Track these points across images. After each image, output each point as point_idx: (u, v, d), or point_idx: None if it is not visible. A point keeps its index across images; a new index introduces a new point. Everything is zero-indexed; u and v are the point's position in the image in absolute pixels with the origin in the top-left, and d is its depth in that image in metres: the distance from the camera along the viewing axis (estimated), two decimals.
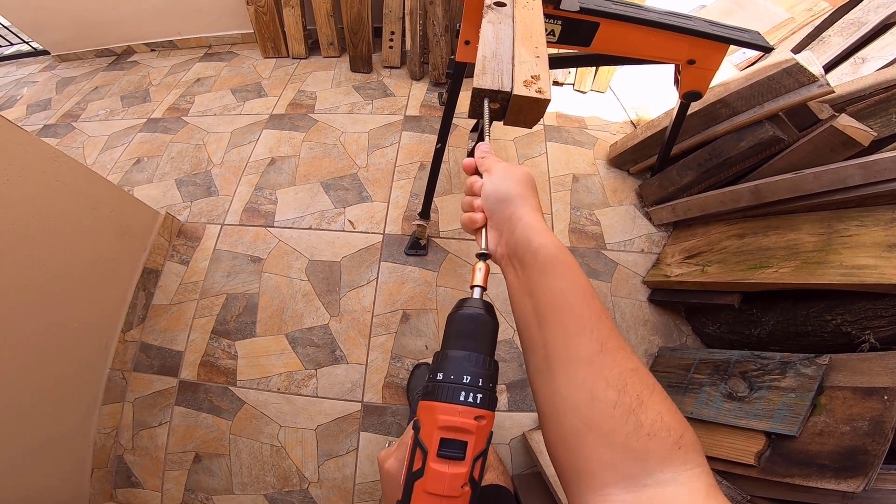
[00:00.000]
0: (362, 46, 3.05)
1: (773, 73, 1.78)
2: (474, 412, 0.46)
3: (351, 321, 2.06)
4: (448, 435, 0.45)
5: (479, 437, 0.46)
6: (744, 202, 1.87)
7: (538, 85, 0.80)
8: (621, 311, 2.07)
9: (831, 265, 1.46)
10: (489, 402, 0.47)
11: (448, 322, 0.53)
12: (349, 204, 2.39)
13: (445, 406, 0.46)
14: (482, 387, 0.47)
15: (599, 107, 2.94)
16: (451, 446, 0.45)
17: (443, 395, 0.46)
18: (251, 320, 2.08)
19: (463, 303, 0.54)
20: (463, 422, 0.45)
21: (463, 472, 0.44)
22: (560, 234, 2.27)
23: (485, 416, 0.46)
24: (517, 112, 0.82)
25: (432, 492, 0.44)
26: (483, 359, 0.49)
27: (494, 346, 0.52)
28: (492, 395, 0.48)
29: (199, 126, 2.87)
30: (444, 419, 0.45)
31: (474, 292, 0.56)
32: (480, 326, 0.52)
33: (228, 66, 3.34)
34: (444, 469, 0.44)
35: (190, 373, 1.99)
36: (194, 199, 2.48)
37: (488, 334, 0.52)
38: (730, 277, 1.73)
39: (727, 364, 1.63)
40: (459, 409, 0.45)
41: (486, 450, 0.47)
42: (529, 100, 0.78)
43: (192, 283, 2.19)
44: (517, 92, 0.78)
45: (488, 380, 0.48)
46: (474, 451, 0.45)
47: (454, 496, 0.44)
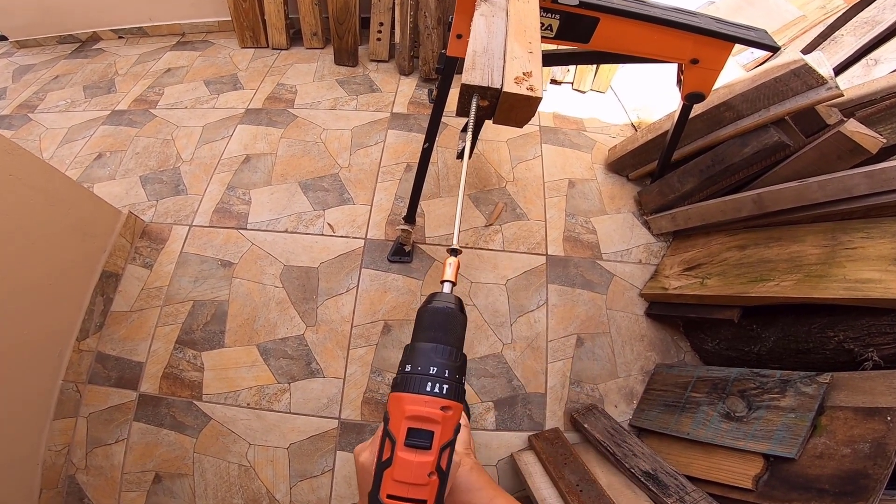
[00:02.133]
0: (348, 38, 3.08)
1: (780, 74, 1.81)
2: (440, 402, 0.50)
3: (328, 332, 2.07)
4: (415, 424, 0.50)
5: (446, 427, 0.50)
6: (746, 212, 1.91)
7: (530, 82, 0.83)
8: (617, 325, 2.11)
9: (834, 279, 1.50)
10: (456, 393, 0.52)
11: (418, 316, 0.58)
12: (329, 206, 2.41)
13: (412, 396, 0.51)
14: (448, 378, 0.52)
15: (599, 108, 2.99)
16: (417, 436, 0.50)
17: (410, 386, 0.51)
18: (220, 329, 2.08)
19: (433, 297, 0.58)
20: (429, 411, 0.50)
21: (429, 460, 0.49)
22: (554, 243, 2.31)
23: (451, 407, 0.51)
24: (507, 110, 0.85)
25: (400, 479, 0.48)
26: (450, 351, 0.53)
27: (463, 339, 0.57)
28: (459, 386, 0.52)
29: (168, 120, 2.88)
30: (410, 409, 0.50)
31: (444, 287, 0.60)
32: (449, 320, 0.56)
33: (202, 56, 3.35)
34: (411, 458, 0.49)
35: (151, 386, 1.99)
36: (160, 198, 2.48)
37: (457, 328, 0.56)
38: (730, 291, 1.77)
39: (725, 382, 1.66)
40: (426, 400, 0.50)
41: (452, 440, 0.51)
42: (520, 97, 0.81)
43: (155, 288, 2.19)
44: (507, 89, 0.81)
45: (455, 371, 0.52)
46: (441, 440, 0.50)
47: (421, 484, 0.48)
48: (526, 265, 2.24)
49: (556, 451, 1.71)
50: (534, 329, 2.09)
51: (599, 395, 1.98)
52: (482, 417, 1.91)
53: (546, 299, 2.16)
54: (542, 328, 2.09)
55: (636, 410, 1.93)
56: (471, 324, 2.08)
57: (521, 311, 2.13)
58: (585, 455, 1.71)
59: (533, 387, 1.98)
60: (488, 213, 2.39)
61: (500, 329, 2.08)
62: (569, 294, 2.18)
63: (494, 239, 2.31)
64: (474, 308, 2.12)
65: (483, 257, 2.25)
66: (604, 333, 2.10)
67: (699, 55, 1.57)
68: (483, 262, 2.24)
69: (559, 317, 2.12)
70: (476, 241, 2.29)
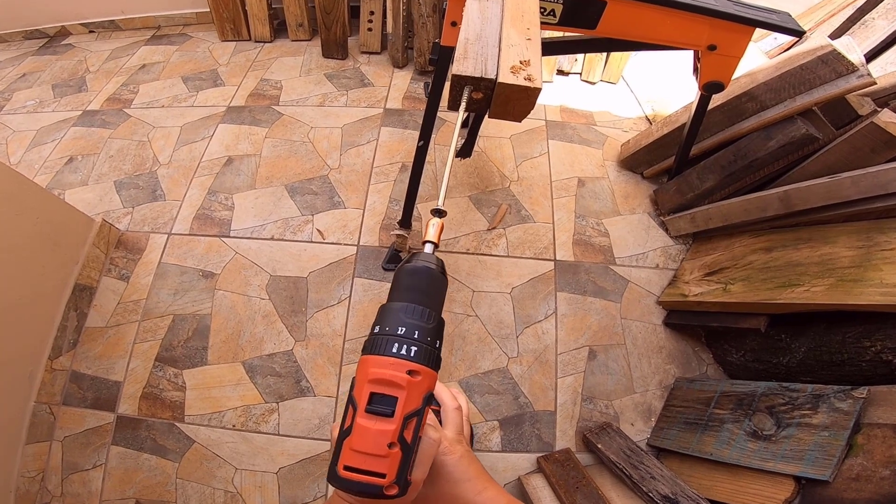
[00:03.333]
0: (336, 28, 3.09)
1: (807, 61, 1.81)
2: (407, 365, 0.48)
3: (319, 347, 2.07)
4: (377, 389, 0.48)
5: (412, 394, 0.48)
6: (772, 211, 1.90)
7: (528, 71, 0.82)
8: (633, 336, 2.10)
9: (870, 283, 1.49)
10: (426, 357, 0.50)
11: (394, 275, 0.57)
12: (318, 210, 2.41)
13: (377, 359, 0.49)
14: (418, 339, 0.50)
15: (610, 99, 2.99)
16: (380, 402, 0.48)
17: (377, 348, 0.50)
18: (202, 346, 2.08)
19: (413, 256, 0.57)
20: (393, 375, 0.48)
21: (390, 429, 0.47)
22: (563, 247, 2.30)
23: (419, 372, 0.49)
24: (503, 103, 0.84)
25: (357, 449, 0.47)
26: (422, 311, 0.52)
27: (441, 302, 0.55)
28: (430, 349, 0.50)
29: (144, 120, 2.89)
30: (373, 372, 0.48)
31: (425, 247, 0.60)
32: (425, 280, 0.55)
33: (180, 51, 3.37)
34: (369, 425, 0.47)
35: (129, 407, 1.98)
36: (136, 205, 2.49)
37: (434, 289, 0.55)
38: (755, 297, 1.76)
39: (752, 397, 1.65)
40: (390, 362, 0.48)
41: (420, 410, 0.49)
42: (517, 88, 0.80)
43: (132, 302, 2.19)
44: (503, 79, 0.79)
45: (427, 333, 0.51)
46: (405, 408, 0.48)
47: (380, 455, 0.46)
48: (532, 272, 2.24)
49: (568, 473, 1.71)
50: (542, 341, 2.08)
51: (614, 412, 1.97)
52: (486, 437, 1.91)
53: (555, 309, 2.15)
54: (551, 340, 2.09)
55: (654, 429, 1.93)
56: (473, 336, 2.08)
57: (528, 322, 2.12)
58: (599, 478, 1.70)
59: (541, 404, 1.97)
60: (491, 216, 2.39)
61: (505, 342, 2.08)
62: (579, 303, 2.17)
63: (498, 244, 2.31)
64: (476, 319, 2.12)
65: (486, 264, 2.25)
66: (618, 345, 2.09)
67: (717, 41, 1.56)
68: (486, 269, 2.23)
69: (569, 327, 2.12)
70: (478, 246, 2.29)
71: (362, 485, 0.46)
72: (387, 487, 0.46)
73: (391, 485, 0.46)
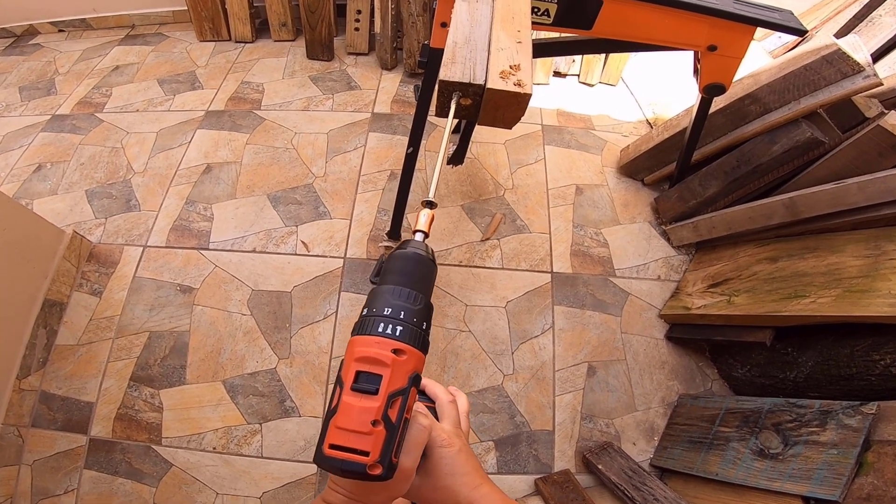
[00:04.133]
0: (322, 28, 3.11)
1: (811, 61, 1.84)
2: (392, 344, 0.53)
3: (304, 365, 2.08)
4: (363, 367, 0.52)
5: (397, 372, 0.52)
6: (777, 218, 1.94)
7: (517, 76, 0.83)
8: (633, 350, 2.13)
9: (879, 294, 1.51)
10: (412, 337, 0.54)
11: (385, 262, 0.62)
12: (302, 221, 2.43)
13: (363, 338, 0.54)
14: (404, 320, 0.54)
15: (609, 103, 3.03)
16: (365, 380, 0.52)
17: (363, 328, 0.54)
18: (180, 364, 2.09)
19: (403, 244, 0.62)
20: (378, 353, 0.52)
21: (374, 406, 0.50)
22: (560, 258, 2.33)
23: (405, 351, 0.53)
24: (493, 109, 0.85)
25: (341, 426, 0.50)
26: (409, 293, 0.57)
27: (429, 286, 0.60)
28: (416, 330, 0.55)
29: (117, 125, 2.89)
30: (359, 351, 0.53)
31: (416, 236, 0.64)
32: (413, 264, 0.60)
33: (155, 51, 3.38)
34: (353, 402, 0.51)
35: (103, 429, 1.98)
36: (110, 215, 2.49)
37: (422, 273, 0.60)
38: (760, 309, 1.79)
39: (758, 414, 1.68)
40: (376, 340, 0.53)
41: (405, 389, 0.53)
42: (506, 95, 0.81)
43: (105, 318, 2.20)
44: (492, 85, 0.81)
45: (413, 314, 0.55)
46: (390, 386, 0.52)
47: (363, 432, 0.49)
48: (528, 284, 2.26)
49: (567, 496, 1.72)
50: (538, 357, 2.10)
51: (615, 431, 1.99)
52: (481, 459, 1.92)
53: (552, 323, 2.18)
54: (549, 356, 2.11)
55: (657, 448, 1.95)
56: (466, 352, 2.10)
57: (524, 338, 2.14)
58: (600, 500, 1.72)
59: (539, 423, 1.99)
60: (484, 226, 2.41)
61: (500, 358, 2.10)
62: (578, 316, 2.20)
63: (492, 255, 2.33)
64: (470, 334, 2.14)
65: (479, 276, 2.27)
66: (619, 361, 2.11)
67: (717, 41, 1.58)
68: (479, 282, 2.26)
69: (567, 343, 2.14)
70: (471, 258, 2.32)
71: (346, 462, 0.49)
72: (370, 466, 0.49)
73: (374, 464, 0.49)
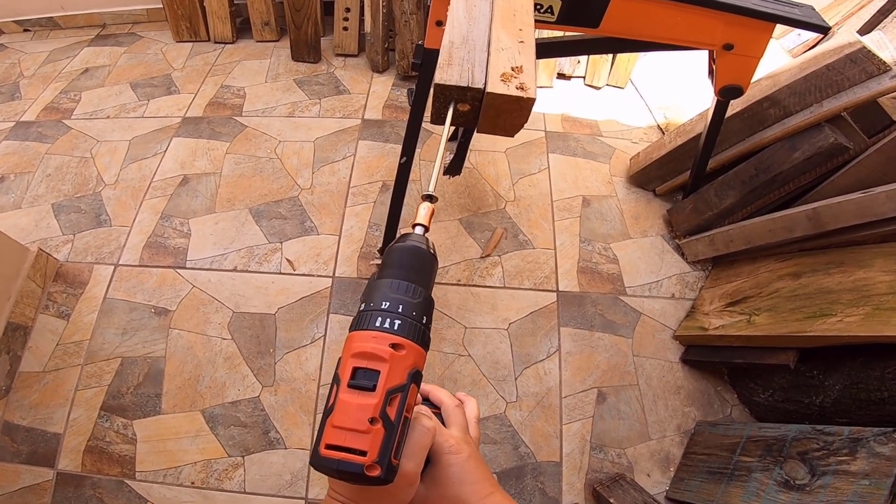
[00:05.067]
0: (308, 27, 3.12)
1: (833, 60, 1.84)
2: (390, 339, 0.54)
3: (290, 393, 2.08)
4: (360, 363, 0.53)
5: (395, 368, 0.53)
6: (799, 231, 1.94)
7: (520, 79, 0.82)
8: (646, 375, 2.13)
9: None
10: (411, 331, 0.55)
11: (383, 256, 0.62)
12: (287, 237, 2.43)
13: (360, 333, 0.55)
14: (402, 313, 0.56)
15: (618, 106, 3.05)
16: (362, 376, 0.53)
17: (361, 323, 0.56)
18: (155, 392, 2.08)
19: (402, 237, 0.64)
20: (375, 347, 0.53)
21: (371, 403, 0.51)
22: (566, 276, 2.35)
23: (403, 346, 0.54)
24: (493, 116, 0.84)
25: (338, 425, 0.51)
26: (408, 286, 0.58)
27: (429, 280, 0.62)
28: (416, 324, 0.56)
29: (87, 133, 2.90)
30: (356, 346, 0.54)
31: (415, 230, 0.65)
32: (412, 257, 0.61)
33: (128, 53, 3.39)
34: (350, 399, 0.52)
35: (72, 462, 1.97)
36: (78, 231, 2.49)
37: (421, 266, 0.61)
38: (783, 330, 1.79)
39: (782, 443, 1.68)
40: (373, 335, 0.54)
41: (405, 386, 0.54)
42: (508, 99, 0.80)
43: (73, 343, 2.19)
44: (492, 89, 0.80)
45: (412, 308, 0.57)
46: (387, 382, 0.52)
47: (360, 430, 0.50)
48: (532, 304, 2.27)
49: None
50: (544, 383, 2.11)
51: (628, 461, 1.99)
52: None
53: (558, 346, 2.18)
54: (555, 382, 2.11)
55: (674, 480, 1.95)
56: (466, 378, 2.10)
57: (528, 362, 2.15)
58: None
59: (545, 454, 1.99)
60: (484, 242, 2.42)
61: (503, 384, 2.10)
62: (586, 339, 2.20)
63: (493, 273, 2.34)
64: (469, 359, 2.14)
65: (479, 296, 2.28)
66: (631, 386, 2.12)
67: (733, 39, 1.58)
68: (479, 303, 2.26)
69: (575, 367, 2.14)
70: (470, 277, 2.32)
71: (343, 463, 0.49)
72: (368, 467, 0.49)
73: (373, 464, 0.50)
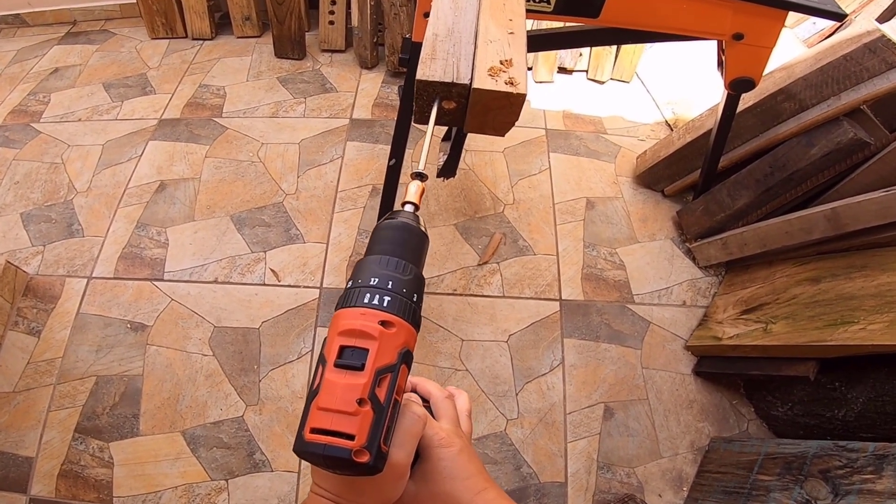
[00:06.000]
0: (291, 22, 3.14)
1: (851, 50, 1.85)
2: (379, 315, 0.55)
3: (276, 412, 2.08)
4: (347, 342, 0.54)
5: (385, 347, 0.54)
6: (818, 233, 1.95)
7: (509, 73, 0.82)
8: (656, 388, 2.14)
9: None
10: (401, 308, 0.56)
11: (371, 234, 0.64)
12: (272, 246, 2.44)
13: (348, 311, 0.56)
14: (392, 290, 0.57)
15: (622, 102, 3.07)
16: (350, 355, 0.53)
17: (348, 300, 0.56)
18: (132, 413, 2.08)
19: (391, 214, 0.65)
20: (364, 325, 0.54)
21: (360, 383, 0.52)
22: (569, 283, 2.36)
23: (393, 323, 0.55)
24: (481, 113, 0.84)
25: (324, 407, 0.51)
26: (397, 262, 0.59)
27: (420, 257, 0.63)
28: (407, 302, 0.57)
29: (57, 137, 2.91)
30: (343, 324, 0.55)
31: (405, 207, 0.66)
32: (402, 233, 0.62)
33: (101, 51, 3.40)
34: (337, 379, 0.52)
35: (45, 487, 1.97)
36: (49, 242, 2.50)
37: (411, 243, 0.62)
38: (802, 339, 1.80)
39: (803, 460, 1.68)
40: (361, 312, 0.55)
41: (395, 366, 0.55)
42: (496, 96, 0.80)
43: (45, 361, 2.19)
44: (479, 84, 0.79)
45: (402, 285, 0.58)
46: (376, 361, 0.53)
47: (347, 412, 0.50)
48: (534, 314, 2.28)
49: None
50: (547, 399, 2.11)
51: (637, 481, 2.00)
52: None
53: (562, 359, 2.18)
54: (558, 397, 2.11)
55: (687, 500, 1.95)
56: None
57: (530, 376, 2.15)
58: None
59: (549, 474, 1.99)
60: (482, 248, 2.43)
61: (503, 400, 2.11)
62: (592, 350, 2.21)
63: (491, 281, 2.35)
64: (467, 374, 2.15)
65: (477, 307, 2.28)
66: (640, 400, 2.12)
67: (743, 28, 1.58)
68: (477, 314, 2.27)
69: (580, 381, 2.15)
70: (467, 286, 2.33)
71: (329, 448, 0.49)
72: (356, 452, 0.49)
73: (361, 449, 0.50)
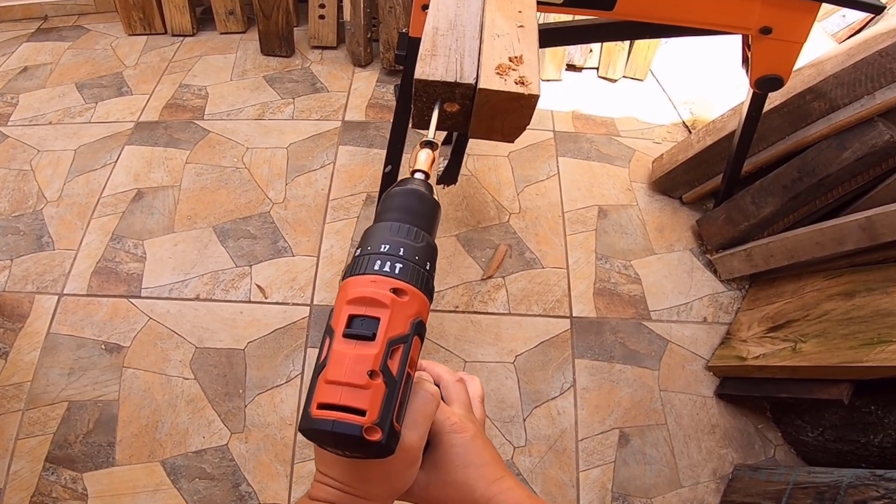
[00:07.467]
0: (279, 16, 3.15)
1: (887, 45, 1.86)
2: (390, 283, 0.54)
3: (263, 440, 2.08)
4: (356, 310, 0.54)
5: (397, 316, 0.54)
6: (851, 243, 1.95)
7: (520, 72, 0.81)
8: (676, 412, 2.14)
9: None
10: (414, 276, 0.56)
11: (380, 201, 0.65)
12: (258, 260, 2.45)
13: (357, 278, 0.55)
14: (404, 256, 0.57)
15: (636, 102, 3.08)
16: (360, 325, 0.53)
17: (357, 268, 0.56)
18: (107, 441, 2.08)
19: (402, 181, 0.65)
20: (375, 292, 0.53)
21: (371, 353, 0.51)
22: (581, 299, 2.36)
23: (406, 292, 0.55)
24: (488, 117, 0.83)
25: (333, 380, 0.50)
26: (409, 229, 0.59)
27: (432, 224, 0.63)
28: (420, 270, 0.57)
29: (25, 141, 2.91)
30: (352, 292, 0.55)
31: (415, 175, 0.67)
32: (413, 200, 0.63)
33: (73, 48, 3.41)
34: (347, 349, 0.52)
35: None
36: (16, 256, 2.50)
37: (424, 210, 0.63)
38: (835, 359, 1.80)
39: (836, 490, 1.68)
40: (372, 279, 0.55)
41: (408, 336, 0.54)
42: (506, 96, 0.78)
43: (13, 385, 2.19)
44: (485, 84, 0.78)
45: (414, 252, 0.58)
46: (389, 331, 0.53)
47: (358, 385, 0.50)
48: (542, 333, 2.28)
49: None
50: (557, 424, 2.11)
51: None
52: None
53: (573, 381, 2.18)
54: (570, 422, 2.12)
55: None
56: None
57: (539, 400, 2.15)
58: None
59: None
60: (486, 261, 2.44)
61: (509, 426, 2.11)
62: (605, 372, 2.21)
63: (496, 297, 2.35)
64: None
65: (480, 325, 2.29)
66: (658, 425, 2.12)
67: (772, 21, 1.58)
68: (481, 332, 2.27)
69: (593, 405, 2.15)
70: (470, 302, 2.34)
71: (339, 424, 0.48)
72: (367, 429, 0.48)
73: (373, 426, 0.49)
